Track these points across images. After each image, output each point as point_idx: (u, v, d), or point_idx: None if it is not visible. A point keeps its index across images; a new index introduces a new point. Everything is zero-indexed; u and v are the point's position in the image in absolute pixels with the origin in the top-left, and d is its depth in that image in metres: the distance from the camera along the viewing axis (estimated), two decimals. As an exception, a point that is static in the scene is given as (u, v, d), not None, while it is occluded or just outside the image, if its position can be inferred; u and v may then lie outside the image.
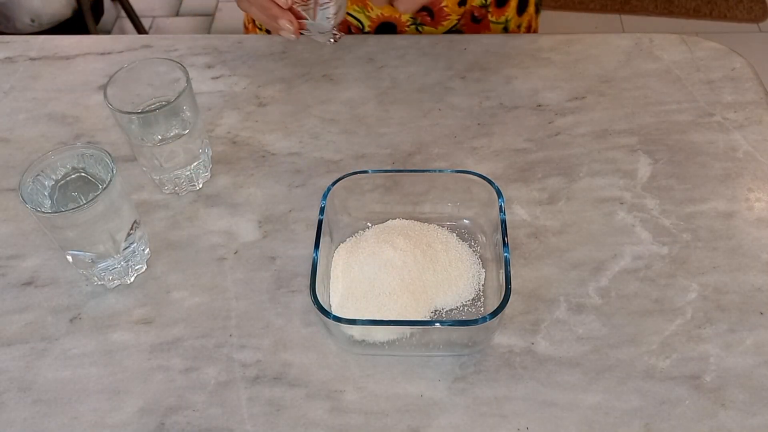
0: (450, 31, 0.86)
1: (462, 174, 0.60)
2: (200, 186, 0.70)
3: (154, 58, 0.66)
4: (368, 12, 0.84)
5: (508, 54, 0.82)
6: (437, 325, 0.51)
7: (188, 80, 0.63)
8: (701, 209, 0.66)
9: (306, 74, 0.81)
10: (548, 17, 2.41)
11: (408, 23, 0.85)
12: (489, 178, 0.59)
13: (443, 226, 0.62)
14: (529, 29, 0.94)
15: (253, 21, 0.93)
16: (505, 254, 0.54)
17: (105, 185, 0.55)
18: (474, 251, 0.61)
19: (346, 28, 0.87)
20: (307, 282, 0.61)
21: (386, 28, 0.86)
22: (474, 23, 0.87)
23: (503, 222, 0.56)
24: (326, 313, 0.51)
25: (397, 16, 0.84)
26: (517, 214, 0.66)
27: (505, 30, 0.90)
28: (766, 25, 2.27)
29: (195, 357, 0.58)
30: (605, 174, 0.69)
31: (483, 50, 0.82)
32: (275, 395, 0.55)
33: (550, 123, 0.74)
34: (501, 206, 0.57)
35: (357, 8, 0.84)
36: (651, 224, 0.64)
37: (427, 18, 0.84)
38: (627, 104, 0.75)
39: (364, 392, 0.55)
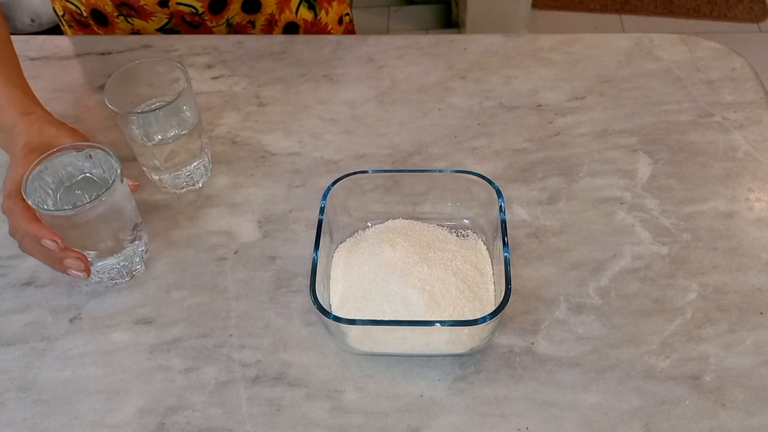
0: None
1: (462, 174, 0.60)
2: (200, 186, 0.70)
3: (154, 58, 0.66)
4: None
5: (508, 54, 0.82)
6: (437, 325, 0.51)
7: (188, 80, 0.63)
8: (701, 209, 0.66)
9: (306, 74, 0.81)
10: (548, 17, 2.41)
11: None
12: (489, 178, 0.59)
13: (443, 226, 0.62)
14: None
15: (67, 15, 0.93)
16: (505, 254, 0.54)
17: (108, 185, 0.55)
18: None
19: (181, 20, 0.87)
20: (307, 282, 0.61)
21: (217, 2, 0.85)
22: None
23: (503, 222, 0.56)
24: (326, 313, 0.51)
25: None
26: (517, 214, 0.66)
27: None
28: (766, 25, 2.27)
29: (195, 357, 0.58)
30: (605, 174, 0.69)
31: (483, 50, 0.82)
32: (275, 395, 0.55)
33: (550, 123, 0.74)
34: (501, 206, 0.57)
35: None
36: (651, 224, 0.64)
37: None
38: (627, 104, 0.75)
39: (364, 392, 0.55)
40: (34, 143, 0.59)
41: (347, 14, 0.97)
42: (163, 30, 0.88)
